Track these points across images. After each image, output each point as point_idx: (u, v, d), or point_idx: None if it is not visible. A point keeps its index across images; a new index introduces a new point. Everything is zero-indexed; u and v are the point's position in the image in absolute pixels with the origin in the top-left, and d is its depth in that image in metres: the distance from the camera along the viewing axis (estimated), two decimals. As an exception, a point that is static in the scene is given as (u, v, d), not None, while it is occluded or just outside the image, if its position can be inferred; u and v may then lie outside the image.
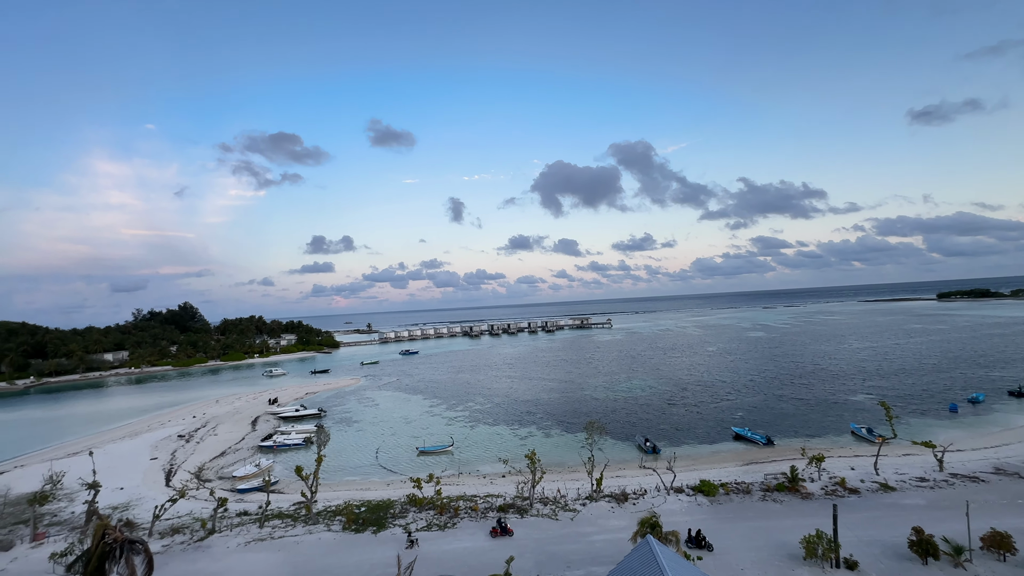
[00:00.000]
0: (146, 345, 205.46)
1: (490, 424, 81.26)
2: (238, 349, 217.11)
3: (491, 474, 57.18)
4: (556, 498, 44.89)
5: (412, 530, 38.39)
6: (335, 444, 68.61)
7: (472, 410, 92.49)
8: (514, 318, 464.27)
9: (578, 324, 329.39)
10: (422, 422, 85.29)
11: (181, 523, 43.02)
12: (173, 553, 37.12)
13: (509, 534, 37.56)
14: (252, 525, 42.02)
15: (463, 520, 40.89)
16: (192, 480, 58.31)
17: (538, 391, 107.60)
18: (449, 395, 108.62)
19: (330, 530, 40.25)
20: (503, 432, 76.28)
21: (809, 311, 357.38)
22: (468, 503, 44.45)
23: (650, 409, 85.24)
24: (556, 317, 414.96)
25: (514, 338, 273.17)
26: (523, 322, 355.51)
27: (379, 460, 65.21)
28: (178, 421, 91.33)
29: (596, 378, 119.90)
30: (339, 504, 46.11)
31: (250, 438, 78.31)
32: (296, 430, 78.56)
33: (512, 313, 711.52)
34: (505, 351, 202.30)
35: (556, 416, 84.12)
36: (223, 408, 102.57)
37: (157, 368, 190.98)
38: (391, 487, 53.57)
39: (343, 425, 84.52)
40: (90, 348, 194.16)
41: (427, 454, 66.24)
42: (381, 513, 42.75)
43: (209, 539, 39.64)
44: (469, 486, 52.00)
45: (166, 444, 75.13)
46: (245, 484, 55.87)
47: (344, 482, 57.08)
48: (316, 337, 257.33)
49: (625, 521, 38.74)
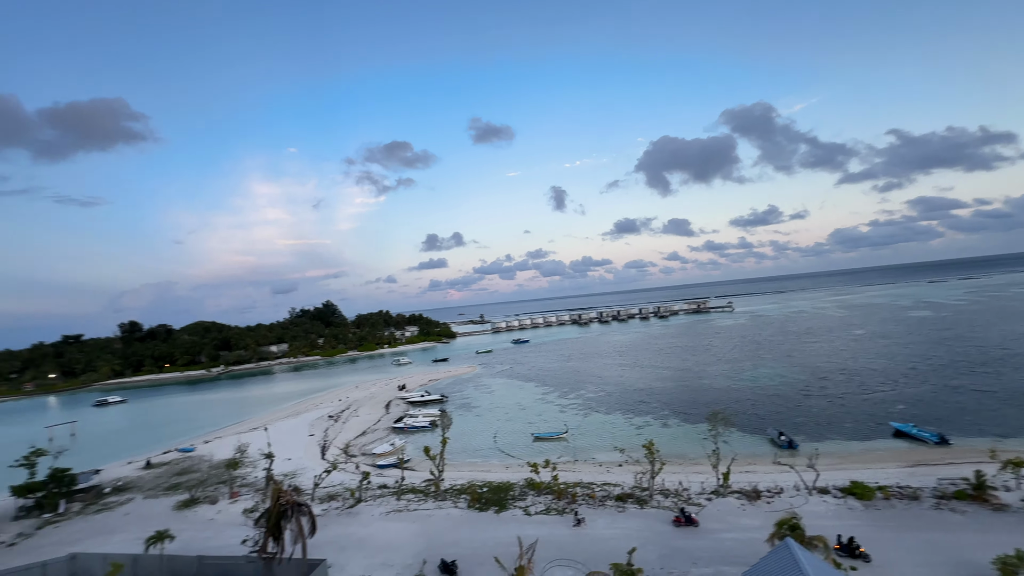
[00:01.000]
0: (300, 339, 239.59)
1: (604, 412, 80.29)
2: (371, 340, 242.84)
3: (607, 462, 56.57)
4: (678, 491, 42.89)
5: (576, 510, 39.71)
6: (457, 428, 73.32)
7: (584, 398, 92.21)
8: (624, 304, 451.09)
9: (694, 308, 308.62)
10: (536, 409, 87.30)
11: (334, 491, 49.56)
12: (330, 517, 42.97)
13: (694, 524, 36.06)
14: (391, 497, 46.90)
15: (581, 507, 41.07)
16: (341, 455, 66.81)
17: (652, 379, 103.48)
18: (561, 383, 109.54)
19: (457, 507, 43.28)
20: (617, 421, 74.89)
21: (995, 284, 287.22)
22: (585, 490, 44.52)
23: (782, 400, 77.03)
24: (669, 302, 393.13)
25: (624, 325, 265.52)
26: (633, 308, 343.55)
27: (497, 444, 68.32)
28: (328, 404, 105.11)
29: (717, 366, 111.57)
30: (463, 484, 49.30)
31: (385, 420, 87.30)
32: (423, 414, 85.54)
33: (621, 299, 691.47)
34: (615, 338, 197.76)
35: (673, 406, 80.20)
36: (362, 393, 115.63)
37: (309, 358, 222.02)
38: (509, 470, 55.85)
39: (463, 410, 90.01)
40: (260, 342, 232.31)
41: (542, 440, 67.70)
42: (502, 494, 44.78)
43: (357, 507, 45.16)
44: (585, 473, 52.06)
45: (319, 423, 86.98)
46: (383, 461, 62.49)
47: (467, 463, 60.90)
48: (435, 328, 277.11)
49: (758, 520, 35.62)
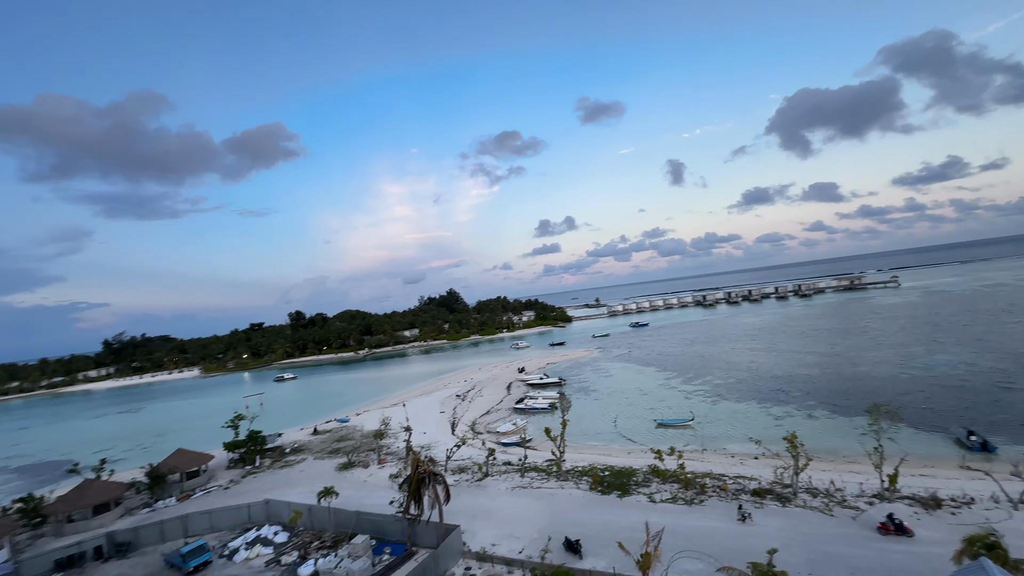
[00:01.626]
0: (428, 324, 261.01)
1: (734, 400, 74.16)
2: (491, 325, 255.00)
3: (740, 454, 52.37)
4: (829, 490, 38.04)
5: (743, 504, 36.45)
6: (576, 410, 73.92)
7: (712, 384, 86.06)
8: (756, 283, 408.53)
9: (846, 285, 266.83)
10: (658, 394, 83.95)
11: (464, 464, 53.52)
12: (461, 487, 46.57)
13: (907, 534, 30.37)
14: (515, 474, 49.19)
15: (711, 499, 38.74)
16: (469, 431, 71.69)
17: (793, 365, 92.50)
18: (684, 368, 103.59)
19: (579, 488, 43.81)
20: (751, 410, 68.65)
21: None
22: (716, 482, 41.83)
23: (971, 393, 63.47)
24: (813, 278, 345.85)
25: (757, 306, 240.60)
26: (768, 287, 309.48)
27: (618, 428, 67.32)
28: (455, 384, 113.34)
29: (877, 351, 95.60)
30: (584, 466, 49.65)
31: (506, 401, 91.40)
32: (542, 396, 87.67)
33: (752, 278, 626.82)
34: (746, 320, 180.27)
35: (820, 395, 70.93)
36: (484, 375, 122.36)
37: (436, 342, 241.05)
38: (632, 455, 54.77)
39: (581, 393, 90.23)
40: (395, 327, 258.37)
41: (666, 426, 65.02)
42: (624, 479, 44.17)
43: (484, 480, 48.25)
44: (715, 464, 48.90)
45: (448, 402, 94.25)
46: (506, 439, 65.62)
47: (587, 446, 61.11)
48: (551, 313, 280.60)
49: (939, 533, 30.10)
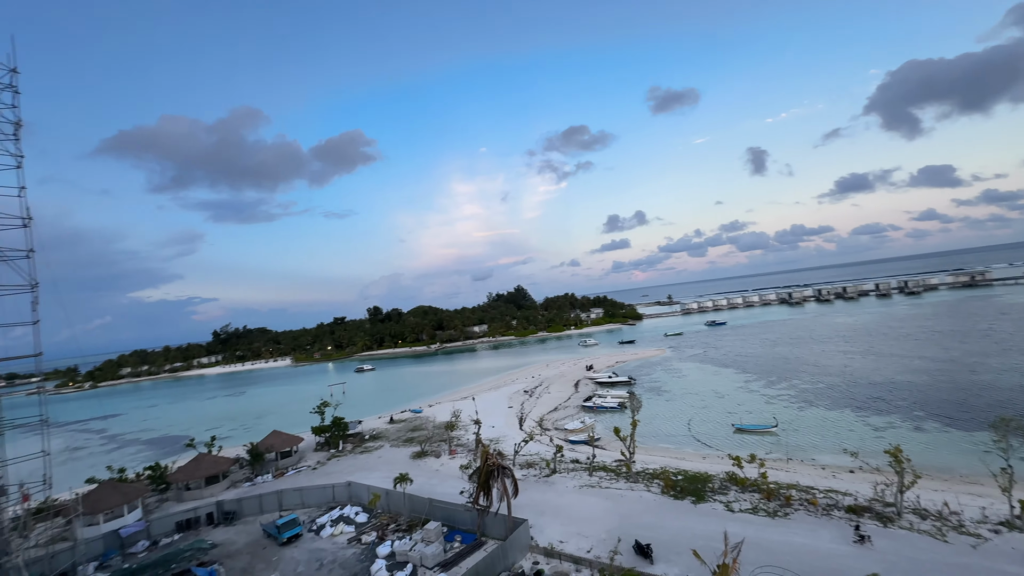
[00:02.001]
0: (496, 320, 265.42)
1: (825, 407, 67.94)
2: (558, 322, 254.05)
3: (832, 466, 47.95)
4: (942, 513, 33.69)
5: (859, 523, 32.58)
6: (646, 411, 71.60)
7: (798, 389, 79.47)
8: (851, 279, 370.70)
9: (965, 282, 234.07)
10: (736, 397, 79.03)
11: (532, 460, 53.88)
12: (529, 482, 46.95)
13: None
14: (583, 472, 48.70)
15: (797, 512, 35.82)
16: (536, 427, 72.07)
17: (896, 371, 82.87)
18: (766, 370, 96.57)
19: (649, 491, 42.45)
20: (845, 418, 62.52)
21: None
22: (803, 494, 38.63)
23: None
24: (923, 274, 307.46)
25: (853, 304, 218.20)
26: (866, 283, 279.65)
27: (692, 432, 64.32)
28: (522, 380, 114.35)
29: (1003, 357, 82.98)
30: (655, 468, 48.00)
31: (574, 398, 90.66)
32: (611, 394, 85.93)
33: (847, 273, 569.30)
34: (839, 320, 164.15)
35: (931, 406, 62.99)
36: (552, 371, 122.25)
37: (504, 338, 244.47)
38: (707, 460, 52.13)
39: (652, 393, 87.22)
40: (465, 323, 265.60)
41: (745, 432, 61.09)
42: (699, 485, 42.14)
43: (552, 477, 48.26)
44: (802, 475, 45.15)
45: (516, 397, 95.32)
46: (574, 437, 65.12)
47: (658, 448, 59.05)
48: (620, 310, 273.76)
49: None
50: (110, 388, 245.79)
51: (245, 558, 38.07)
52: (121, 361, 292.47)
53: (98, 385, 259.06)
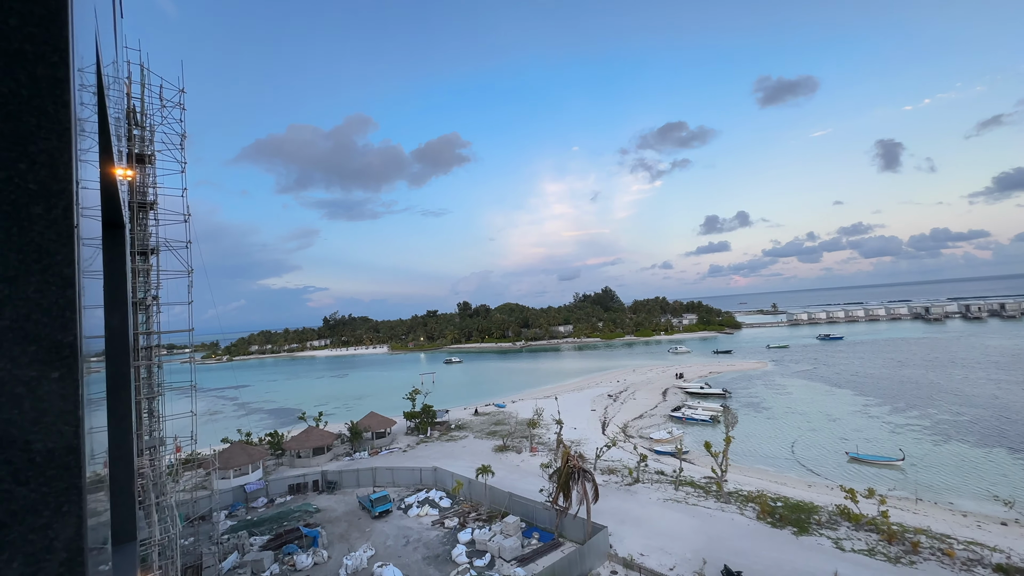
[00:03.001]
0: (582, 321, 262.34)
1: (971, 444, 57.67)
2: (647, 327, 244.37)
3: (976, 514, 40.60)
4: None
5: None
6: (742, 427, 66.23)
7: (934, 419, 68.37)
8: (1013, 295, 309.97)
9: None
10: (851, 422, 70.09)
11: (614, 466, 52.54)
12: (610, 488, 45.85)
13: None
14: (668, 485, 46.44)
15: (927, 563, 30.89)
16: (620, 433, 70.12)
17: (1076, 409, 67.73)
18: (892, 395, 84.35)
19: (743, 514, 39.28)
20: (999, 458, 52.55)
21: None
22: (935, 542, 33.23)
23: None
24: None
25: (1014, 324, 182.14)
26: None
27: (795, 455, 58.30)
28: (607, 383, 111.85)
29: None
30: (751, 491, 44.28)
31: (661, 407, 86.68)
32: (702, 406, 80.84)
33: (1007, 287, 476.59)
34: (993, 342, 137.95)
35: None
36: (638, 377, 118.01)
37: (590, 339, 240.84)
38: (812, 489, 46.94)
39: (750, 409, 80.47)
40: (550, 322, 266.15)
41: (861, 462, 53.97)
42: (802, 515, 38.09)
43: (635, 486, 46.65)
44: (934, 520, 38.82)
45: (600, 400, 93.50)
46: (659, 447, 62.28)
47: (754, 469, 54.37)
48: (716, 317, 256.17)
49: None
50: (241, 362, 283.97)
51: (343, 525, 41.86)
52: (251, 339, 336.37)
53: (233, 359, 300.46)
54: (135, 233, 30.62)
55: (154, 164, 32.74)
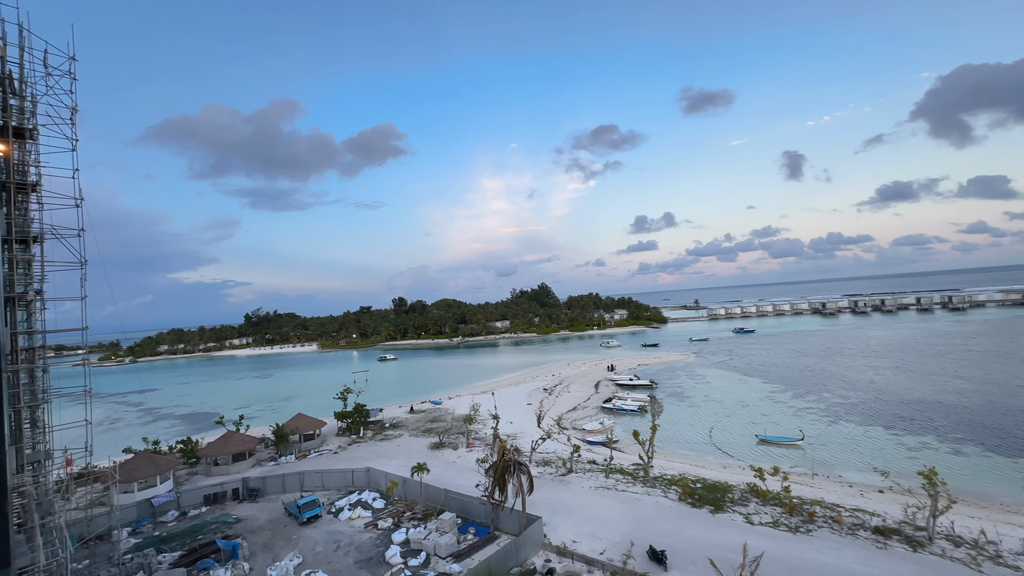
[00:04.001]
0: (519, 316, 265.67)
1: (857, 423, 65.54)
2: (581, 322, 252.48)
3: (860, 484, 46.28)
4: (978, 541, 32.09)
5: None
6: (667, 416, 70.58)
7: (828, 402, 76.86)
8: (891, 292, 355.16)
9: (1016, 300, 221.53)
10: (761, 407, 77.02)
11: (548, 458, 53.84)
12: (544, 480, 46.96)
13: None
14: (599, 474, 48.40)
15: (821, 530, 34.71)
16: (554, 426, 71.95)
17: (934, 390, 79.17)
18: (794, 381, 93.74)
19: (666, 497, 41.86)
20: (878, 435, 60.18)
21: None
22: (828, 511, 37.40)
23: None
24: (969, 289, 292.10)
25: (891, 318, 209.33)
26: (906, 296, 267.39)
27: (713, 440, 63.06)
28: (542, 377, 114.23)
29: (1059, 382, 78.11)
30: (674, 474, 47.31)
31: (594, 399, 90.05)
32: (631, 397, 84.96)
33: (886, 285, 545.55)
34: (876, 334, 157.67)
35: (973, 427, 60.01)
36: (572, 371, 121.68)
37: (526, 335, 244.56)
38: (727, 470, 51.08)
39: (674, 399, 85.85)
40: (488, 318, 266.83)
41: (768, 443, 59.53)
42: (718, 494, 41.31)
43: (568, 476, 48.14)
44: (827, 492, 43.73)
45: (535, 394, 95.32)
46: (592, 437, 64.74)
47: (677, 454, 58.15)
48: (645, 312, 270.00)
49: None
50: (148, 364, 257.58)
51: (267, 534, 39.43)
52: (159, 338, 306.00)
53: (137, 360, 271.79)
54: (11, 218, 26.74)
55: (37, 140, 28.75)
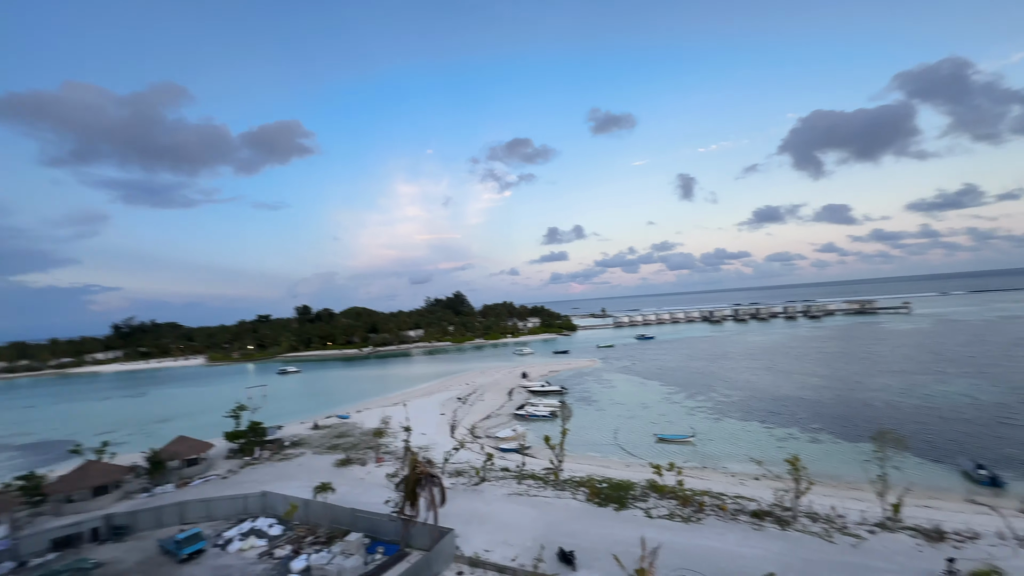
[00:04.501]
0: (433, 325, 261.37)
1: (737, 419, 73.46)
2: (495, 330, 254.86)
3: (740, 474, 51.81)
4: (830, 516, 37.47)
5: (954, 559, 29.29)
6: (577, 420, 73.40)
7: (715, 401, 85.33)
8: (765, 301, 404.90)
9: (856, 308, 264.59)
10: (660, 408, 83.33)
11: (462, 468, 53.35)
12: (457, 491, 46.43)
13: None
14: (512, 480, 48.95)
15: (709, 518, 38.30)
16: (468, 435, 71.50)
17: (798, 387, 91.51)
18: (688, 383, 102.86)
19: (575, 499, 43.50)
20: (754, 429, 67.95)
21: None
22: (715, 500, 41.37)
23: (977, 426, 62.39)
24: (824, 300, 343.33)
25: (765, 324, 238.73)
26: (776, 306, 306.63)
27: (618, 441, 66.85)
28: (456, 387, 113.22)
29: (884, 377, 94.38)
30: (582, 476, 49.33)
31: (507, 406, 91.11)
32: (543, 403, 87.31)
33: (761, 296, 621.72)
34: (753, 339, 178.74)
35: (826, 418, 70.09)
36: (487, 379, 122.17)
37: (441, 343, 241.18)
38: (630, 469, 54.34)
39: (583, 403, 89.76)
40: (400, 327, 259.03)
41: (666, 442, 64.49)
42: (622, 492, 43.80)
43: (481, 485, 48.06)
44: (714, 482, 48.39)
45: (449, 404, 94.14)
46: (505, 445, 65.38)
47: (586, 456, 60.73)
48: (556, 320, 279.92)
49: (941, 566, 29.50)
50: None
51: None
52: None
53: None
54: None
55: None
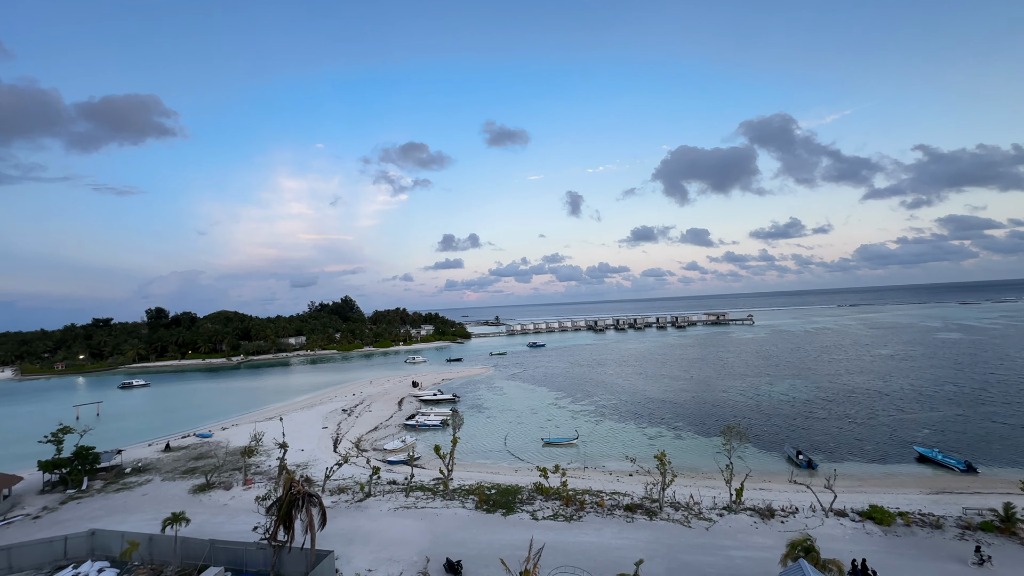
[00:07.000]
0: (318, 332, 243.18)
1: (616, 420, 79.62)
2: (386, 337, 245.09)
3: (617, 471, 56.07)
4: (688, 504, 42.25)
5: (982, 549, 31.79)
6: (468, 428, 73.50)
7: (597, 405, 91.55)
8: (641, 312, 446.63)
9: (713, 320, 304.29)
10: (547, 413, 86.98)
11: (345, 484, 50.15)
12: (339, 509, 43.50)
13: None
14: (399, 494, 47.24)
15: (589, 515, 40.79)
16: (353, 449, 67.57)
17: (667, 390, 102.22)
18: (574, 388, 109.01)
19: (464, 507, 43.36)
20: (630, 429, 74.17)
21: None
22: (594, 498, 44.19)
23: (801, 418, 75.25)
24: (688, 312, 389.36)
25: (641, 333, 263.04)
26: (651, 317, 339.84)
27: (507, 447, 68.25)
28: (342, 397, 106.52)
29: (733, 379, 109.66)
30: (472, 484, 49.38)
31: (397, 416, 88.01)
32: (435, 412, 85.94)
33: (638, 307, 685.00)
34: (631, 346, 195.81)
35: (687, 417, 79.08)
36: (375, 388, 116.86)
37: (326, 351, 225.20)
38: (519, 473, 55.76)
39: (475, 411, 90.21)
40: (279, 333, 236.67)
41: (552, 445, 67.41)
42: (510, 497, 44.72)
43: (366, 501, 45.62)
44: (595, 481, 51.69)
45: (333, 416, 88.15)
46: (393, 457, 63.00)
47: (476, 464, 61.00)
48: (450, 328, 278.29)
49: (771, 540, 34.85)
50: None
51: None
52: None
53: None
54: None
55: None
